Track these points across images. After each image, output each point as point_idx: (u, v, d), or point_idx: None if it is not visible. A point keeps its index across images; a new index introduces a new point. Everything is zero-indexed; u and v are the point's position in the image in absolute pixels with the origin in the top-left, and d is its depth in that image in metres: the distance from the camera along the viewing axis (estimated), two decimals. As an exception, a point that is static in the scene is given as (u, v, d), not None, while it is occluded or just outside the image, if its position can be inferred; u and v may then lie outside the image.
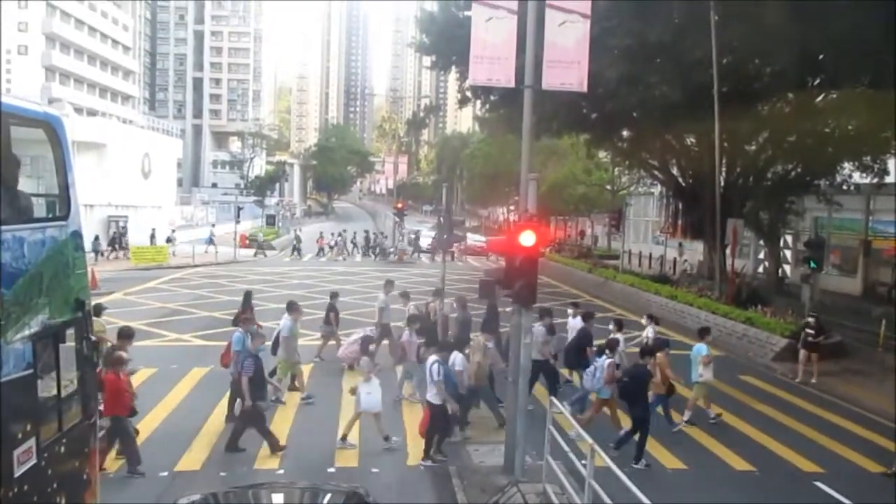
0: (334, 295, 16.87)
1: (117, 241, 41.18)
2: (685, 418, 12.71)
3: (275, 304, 21.27)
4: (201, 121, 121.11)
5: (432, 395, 10.50)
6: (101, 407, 9.42)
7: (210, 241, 42.76)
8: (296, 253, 44.73)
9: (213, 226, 48.78)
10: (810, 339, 16.08)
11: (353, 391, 11.06)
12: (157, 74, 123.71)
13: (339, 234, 48.75)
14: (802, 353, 16.24)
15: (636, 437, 10.81)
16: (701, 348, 13.04)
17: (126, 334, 11.26)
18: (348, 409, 12.33)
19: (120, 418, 9.57)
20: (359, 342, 14.63)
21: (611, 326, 14.90)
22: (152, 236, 41.69)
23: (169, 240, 42.06)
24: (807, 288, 18.53)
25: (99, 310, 13.32)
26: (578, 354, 13.56)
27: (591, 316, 14.89)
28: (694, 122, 24.72)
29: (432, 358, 10.72)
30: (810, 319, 16.55)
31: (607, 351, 12.02)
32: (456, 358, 11.35)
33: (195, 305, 23.14)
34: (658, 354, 12.02)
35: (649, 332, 14.74)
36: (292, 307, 13.93)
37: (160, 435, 11.16)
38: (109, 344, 11.64)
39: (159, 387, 13.89)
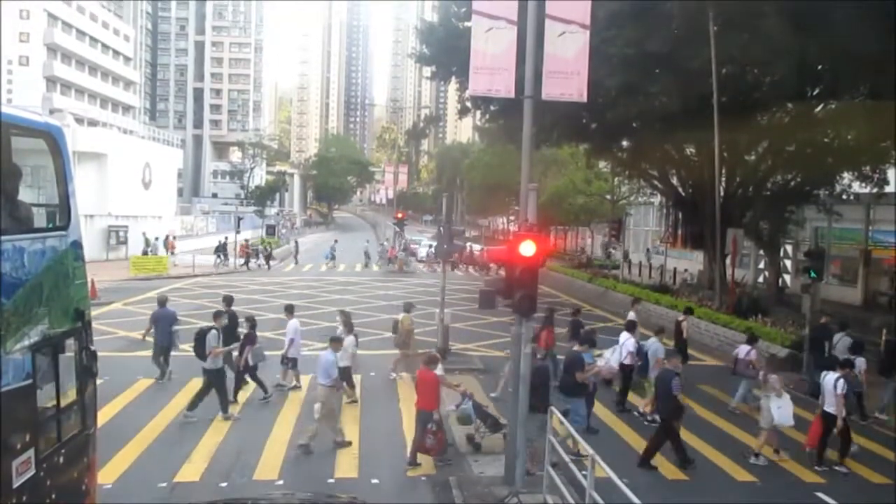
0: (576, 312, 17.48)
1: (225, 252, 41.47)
2: None
3: (272, 313, 21.25)
4: (202, 131, 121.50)
5: (833, 408, 11.14)
6: (416, 400, 10.86)
7: (220, 253, 41.80)
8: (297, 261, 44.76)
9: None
10: None
11: (759, 406, 12.01)
12: (157, 85, 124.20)
13: (431, 245, 48.93)
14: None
15: None
16: None
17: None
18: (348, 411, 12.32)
19: (430, 412, 10.55)
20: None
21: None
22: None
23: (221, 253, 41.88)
24: (807, 298, 18.44)
25: (409, 307, 16.63)
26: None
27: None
28: (693, 132, 24.77)
29: (833, 374, 11.38)
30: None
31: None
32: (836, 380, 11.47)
33: (195, 316, 23.06)
34: None
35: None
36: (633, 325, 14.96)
37: (159, 445, 11.12)
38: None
39: (159, 396, 13.89)
